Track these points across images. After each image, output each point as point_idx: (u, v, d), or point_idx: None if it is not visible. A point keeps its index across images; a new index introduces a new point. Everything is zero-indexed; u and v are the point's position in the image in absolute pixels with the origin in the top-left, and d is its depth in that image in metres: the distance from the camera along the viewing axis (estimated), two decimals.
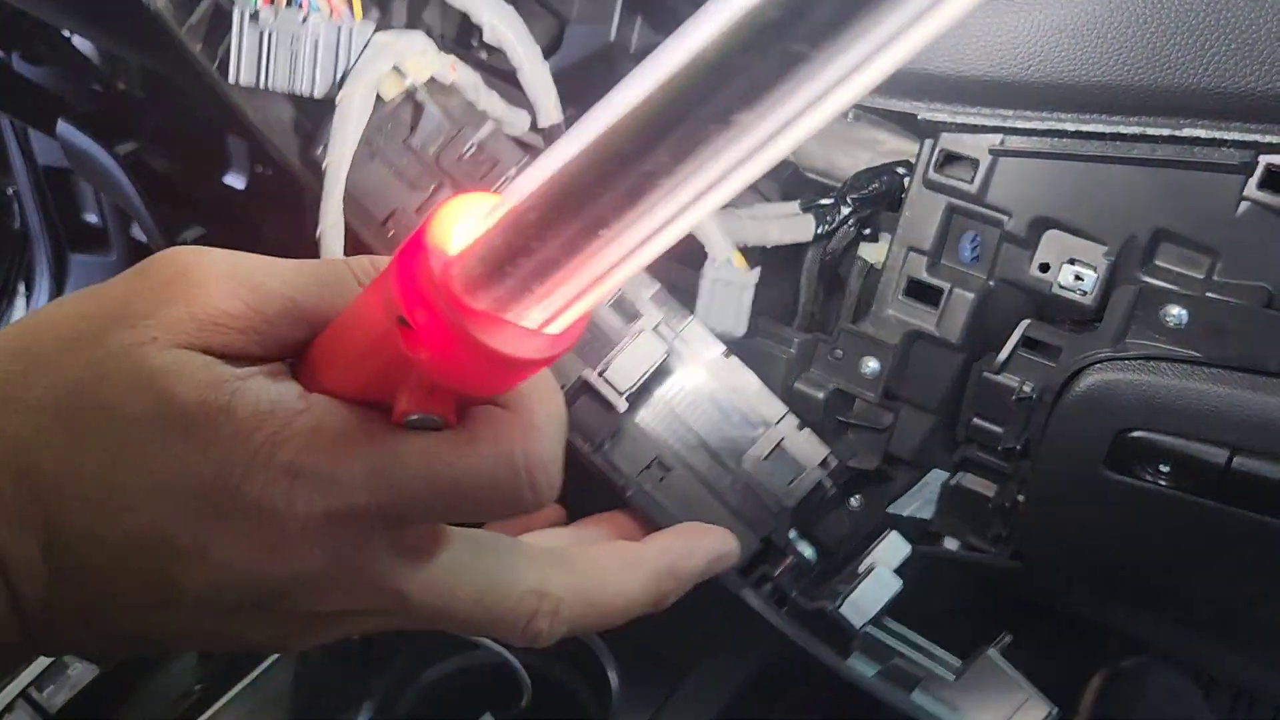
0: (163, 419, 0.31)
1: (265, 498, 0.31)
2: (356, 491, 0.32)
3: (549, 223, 0.28)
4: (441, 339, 0.30)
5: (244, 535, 0.32)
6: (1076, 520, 0.76)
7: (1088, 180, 0.63)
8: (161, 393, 0.31)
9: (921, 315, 0.69)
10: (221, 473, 0.31)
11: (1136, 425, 0.68)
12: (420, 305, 0.30)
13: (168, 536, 0.32)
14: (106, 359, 0.32)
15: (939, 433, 0.76)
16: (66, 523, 0.32)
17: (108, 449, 0.32)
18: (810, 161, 0.83)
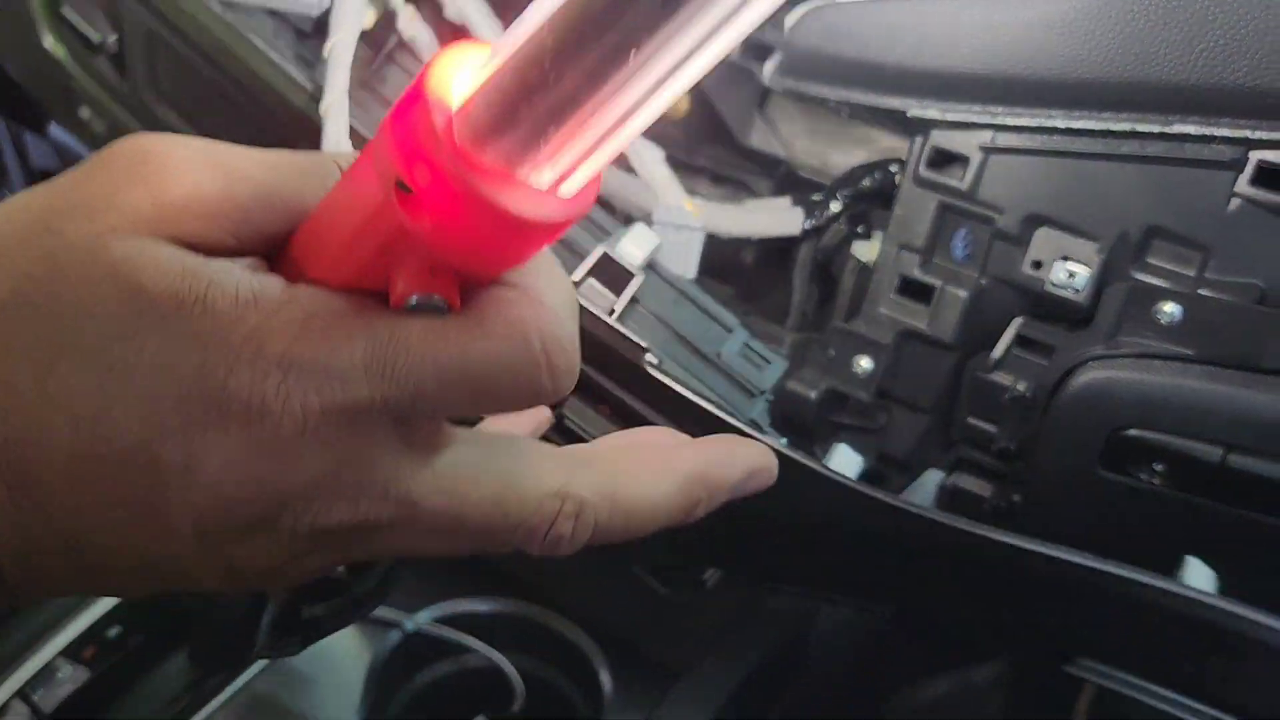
0: (132, 315, 0.27)
1: (256, 396, 0.27)
2: (357, 383, 0.28)
3: (570, 46, 0.24)
4: (447, 201, 0.26)
5: (236, 442, 0.28)
6: (1073, 520, 0.76)
7: (1079, 177, 0.63)
8: (127, 285, 0.27)
9: (914, 313, 0.69)
10: (203, 373, 0.27)
11: (1131, 424, 0.67)
12: (422, 162, 0.26)
13: (151, 450, 0.28)
14: (60, 250, 0.28)
15: (933, 432, 0.76)
16: (30, 444, 0.28)
17: (69, 353, 0.28)
18: (804, 160, 0.83)
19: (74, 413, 0.28)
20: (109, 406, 0.28)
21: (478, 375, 0.29)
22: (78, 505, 0.29)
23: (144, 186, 0.28)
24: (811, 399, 0.72)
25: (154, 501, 0.28)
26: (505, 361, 0.29)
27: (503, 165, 0.26)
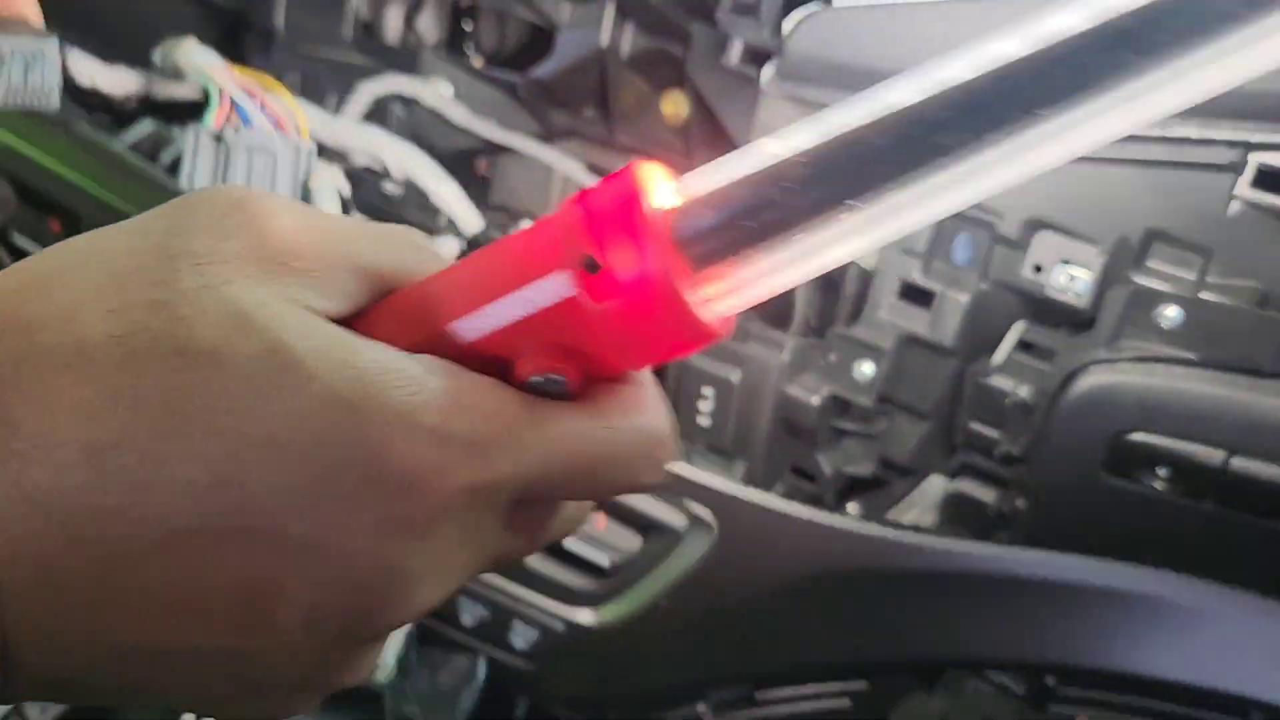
0: (273, 373, 0.24)
1: (410, 469, 0.25)
2: (503, 461, 0.26)
3: (809, 179, 0.25)
4: (643, 290, 0.26)
5: (377, 517, 0.25)
6: (1077, 525, 0.76)
7: (1079, 181, 0.63)
8: (266, 341, 0.25)
9: (915, 318, 0.69)
10: (356, 441, 0.25)
11: (1133, 427, 0.67)
12: (630, 247, 0.26)
13: (279, 523, 0.25)
14: (179, 300, 0.25)
15: (936, 437, 0.76)
16: (122, 515, 0.24)
17: (199, 411, 0.24)
18: None
19: (191, 478, 0.24)
20: (238, 473, 0.24)
21: (597, 461, 0.28)
22: (159, 589, 0.25)
23: (247, 238, 0.26)
24: (813, 404, 0.72)
25: (262, 586, 0.25)
26: (623, 452, 0.29)
27: (692, 272, 0.26)
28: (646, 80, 0.87)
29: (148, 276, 0.25)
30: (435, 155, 0.96)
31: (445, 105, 0.90)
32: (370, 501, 0.25)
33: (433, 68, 0.93)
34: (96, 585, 0.24)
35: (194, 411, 0.24)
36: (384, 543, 0.25)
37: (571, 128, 0.91)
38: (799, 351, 0.72)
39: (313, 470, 0.25)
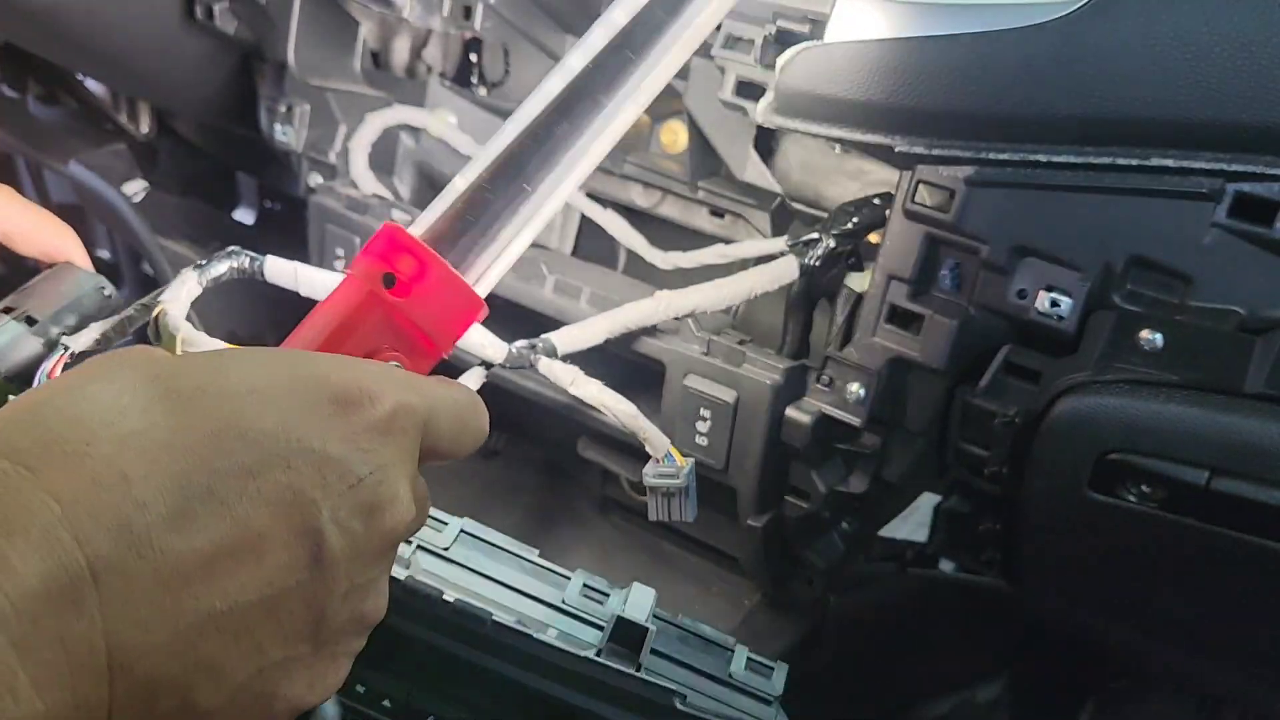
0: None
1: (365, 387, 0.36)
2: (412, 394, 0.38)
3: (489, 189, 0.43)
4: (425, 276, 0.41)
5: (354, 425, 0.35)
6: (1065, 541, 0.77)
7: (1062, 209, 0.65)
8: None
9: (904, 341, 0.71)
10: (327, 383, 0.36)
11: (1117, 447, 0.69)
12: (407, 256, 0.41)
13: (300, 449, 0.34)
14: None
15: (927, 456, 0.77)
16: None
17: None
18: (798, 192, 0.85)
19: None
20: (258, 419, 0.34)
21: (461, 407, 0.40)
22: (225, 540, 0.32)
23: None
24: (806, 424, 0.74)
25: (303, 505, 0.33)
26: (470, 406, 0.41)
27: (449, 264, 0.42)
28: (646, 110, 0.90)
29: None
30: (441, 183, 0.98)
31: (451, 134, 0.93)
32: (344, 414, 0.35)
33: (439, 98, 0.96)
34: (175, 557, 0.31)
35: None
36: (364, 441, 0.35)
37: None
38: (792, 374, 0.74)
39: (309, 410, 0.34)
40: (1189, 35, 0.61)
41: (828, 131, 0.68)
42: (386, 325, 0.40)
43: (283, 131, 0.94)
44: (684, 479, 0.63)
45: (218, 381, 0.34)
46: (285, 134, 0.94)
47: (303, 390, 0.34)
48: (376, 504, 0.35)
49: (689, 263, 0.83)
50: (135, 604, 0.30)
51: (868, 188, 0.86)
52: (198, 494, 0.31)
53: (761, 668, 0.57)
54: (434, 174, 0.98)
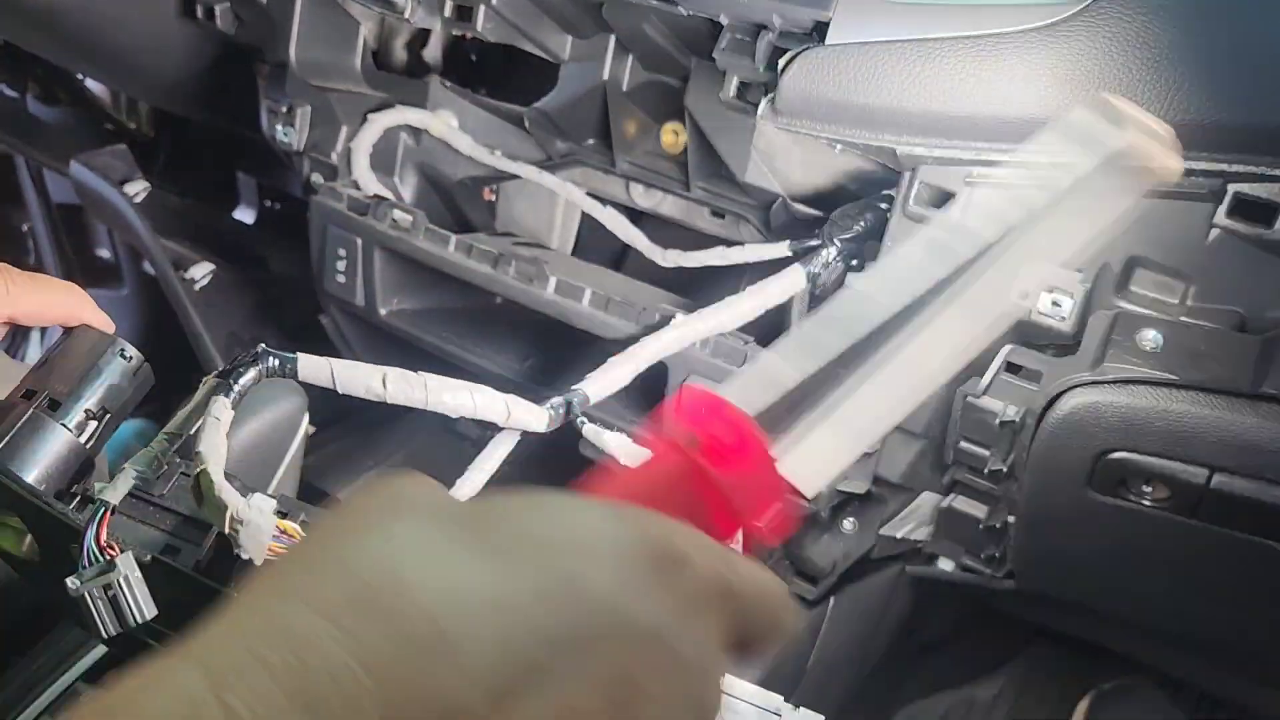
0: None
1: (681, 553, 0.31)
2: (728, 567, 0.32)
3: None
4: (742, 451, 0.36)
5: (673, 598, 0.30)
6: (1064, 540, 0.78)
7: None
8: None
9: None
10: (645, 542, 0.31)
11: (1117, 447, 0.69)
12: (728, 427, 0.37)
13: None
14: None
15: (928, 455, 0.78)
16: None
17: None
18: (799, 193, 0.86)
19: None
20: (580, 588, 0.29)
21: (770, 586, 0.33)
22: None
23: None
24: None
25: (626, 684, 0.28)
26: (780, 592, 0.33)
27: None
28: (646, 111, 0.90)
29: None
30: (442, 183, 0.98)
31: (452, 135, 0.93)
32: (666, 579, 0.29)
33: (440, 99, 0.96)
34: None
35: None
36: (687, 613, 0.29)
37: (574, 156, 0.94)
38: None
39: (634, 572, 0.29)
40: (1186, 38, 0.61)
41: (830, 134, 0.68)
42: (694, 496, 0.36)
43: (284, 132, 0.94)
44: None
45: (536, 530, 0.29)
46: (287, 134, 0.94)
47: (627, 548, 0.29)
48: (701, 694, 0.29)
49: (691, 262, 0.83)
50: None
51: (867, 188, 0.87)
52: (524, 667, 0.26)
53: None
54: (435, 174, 0.98)
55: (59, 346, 0.59)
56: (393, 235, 0.86)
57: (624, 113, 0.89)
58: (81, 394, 0.57)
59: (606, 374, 0.67)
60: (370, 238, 0.88)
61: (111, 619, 0.49)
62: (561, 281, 0.81)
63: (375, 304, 0.90)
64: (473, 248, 0.84)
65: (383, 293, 0.89)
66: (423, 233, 0.85)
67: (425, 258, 0.86)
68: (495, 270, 0.83)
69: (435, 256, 0.85)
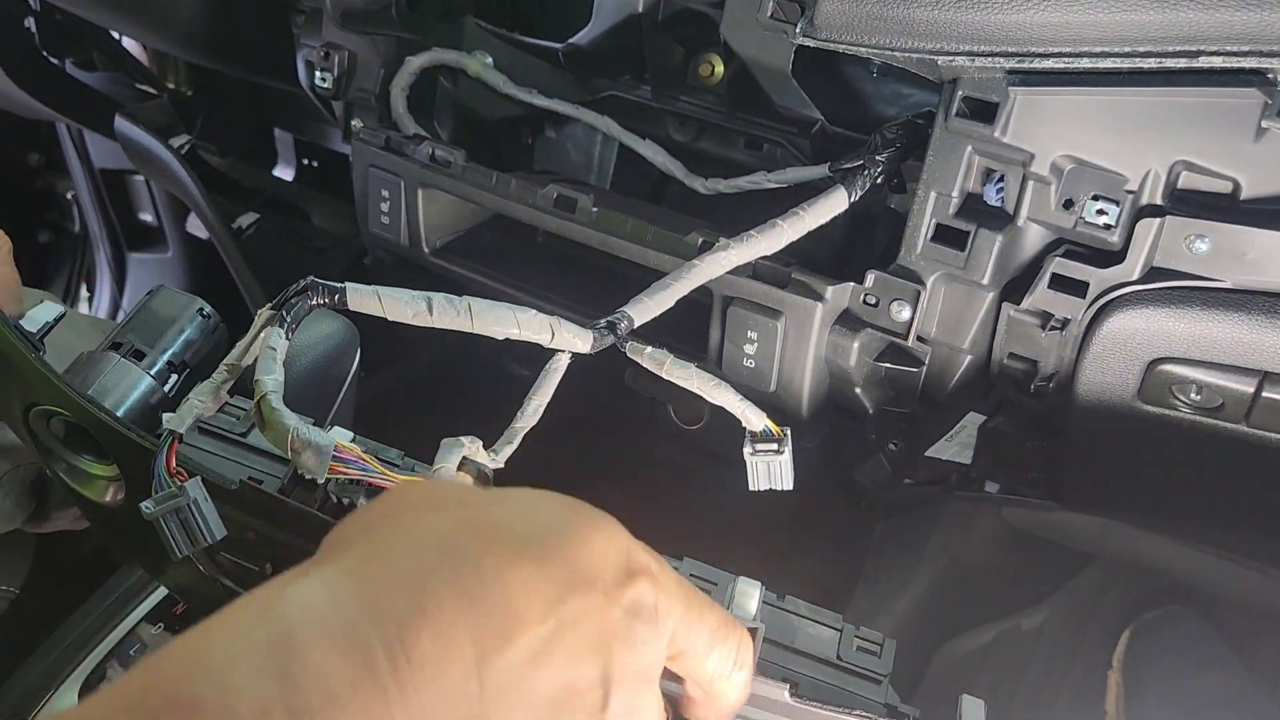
0: None
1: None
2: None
3: None
4: None
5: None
6: (1112, 454, 0.78)
7: (1107, 116, 0.65)
8: None
9: (949, 258, 0.71)
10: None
11: (1167, 356, 0.69)
12: None
13: None
14: None
15: (972, 374, 0.78)
16: None
17: None
18: (838, 117, 0.85)
19: None
20: None
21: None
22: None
23: None
24: (853, 344, 0.75)
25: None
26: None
27: None
28: (682, 42, 0.90)
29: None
30: (480, 125, 0.99)
31: (488, 74, 0.94)
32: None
33: (475, 39, 0.96)
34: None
35: None
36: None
37: (610, 92, 0.94)
38: (837, 295, 0.75)
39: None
40: None
41: (869, 47, 0.68)
42: None
43: (321, 78, 0.95)
44: (785, 449, 0.64)
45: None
46: (324, 80, 0.95)
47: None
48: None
49: (730, 188, 0.84)
50: None
51: (906, 111, 0.86)
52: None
53: (870, 645, 0.57)
54: (473, 116, 0.98)
55: (142, 305, 0.62)
56: (433, 173, 0.87)
57: (659, 45, 0.89)
58: (164, 347, 0.61)
59: (651, 297, 0.68)
60: (411, 177, 0.88)
61: (184, 540, 0.51)
62: (601, 213, 0.82)
63: (419, 243, 0.91)
64: (513, 182, 0.84)
65: (426, 232, 0.90)
66: (463, 169, 0.86)
67: (466, 194, 0.86)
68: (535, 205, 0.84)
69: (476, 193, 0.86)
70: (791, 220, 0.73)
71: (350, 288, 0.57)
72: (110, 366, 0.61)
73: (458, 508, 0.38)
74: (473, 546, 0.35)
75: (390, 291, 0.57)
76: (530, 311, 0.59)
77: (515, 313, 0.59)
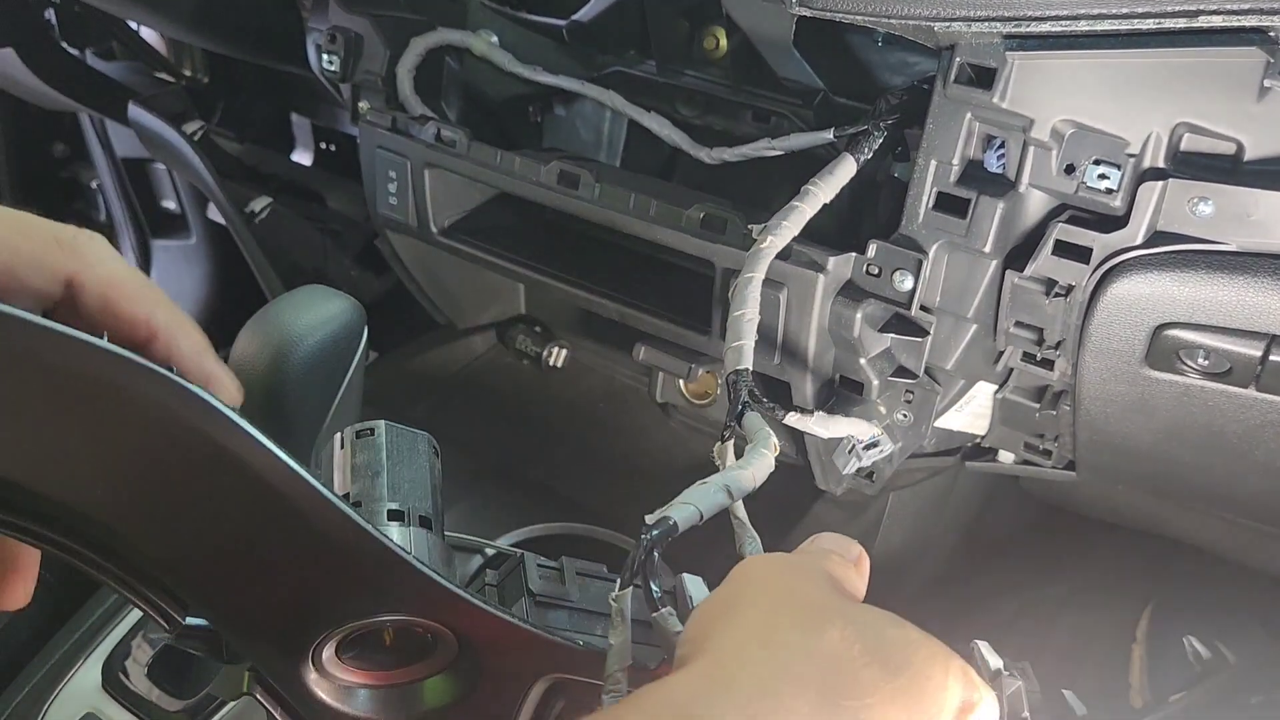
0: None
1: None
2: None
3: None
4: None
5: None
6: (1122, 421, 0.77)
7: (1107, 79, 0.64)
8: None
9: (951, 226, 0.71)
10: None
11: (1173, 320, 0.68)
12: None
13: None
14: None
15: (979, 342, 0.77)
16: None
17: None
18: (842, 88, 0.85)
19: None
20: None
21: None
22: None
23: None
24: (856, 315, 0.75)
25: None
26: None
27: None
28: (685, 16, 0.90)
29: None
30: (488, 104, 0.99)
31: (493, 53, 0.94)
32: None
33: (479, 18, 0.97)
34: None
35: None
36: None
37: (615, 68, 0.94)
38: (840, 265, 0.75)
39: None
40: None
41: (866, 14, 0.67)
42: None
43: (329, 61, 0.96)
44: (891, 445, 0.66)
45: None
46: (331, 63, 0.96)
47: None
48: None
49: (735, 156, 0.83)
50: None
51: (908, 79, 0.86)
52: None
53: None
54: (480, 95, 0.99)
55: (379, 455, 0.55)
56: (439, 153, 0.88)
57: (663, 19, 0.89)
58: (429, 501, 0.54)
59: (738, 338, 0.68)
60: (418, 158, 0.89)
61: None
62: (603, 189, 0.82)
63: (428, 223, 0.92)
64: (517, 160, 0.85)
65: (434, 212, 0.91)
66: (468, 148, 0.87)
67: (472, 173, 0.87)
68: (539, 182, 0.84)
69: (481, 171, 0.86)
70: (807, 198, 0.72)
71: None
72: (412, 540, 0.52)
73: (811, 615, 0.40)
74: (835, 672, 0.37)
75: None
76: None
77: None
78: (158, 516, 0.42)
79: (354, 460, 0.55)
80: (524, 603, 0.55)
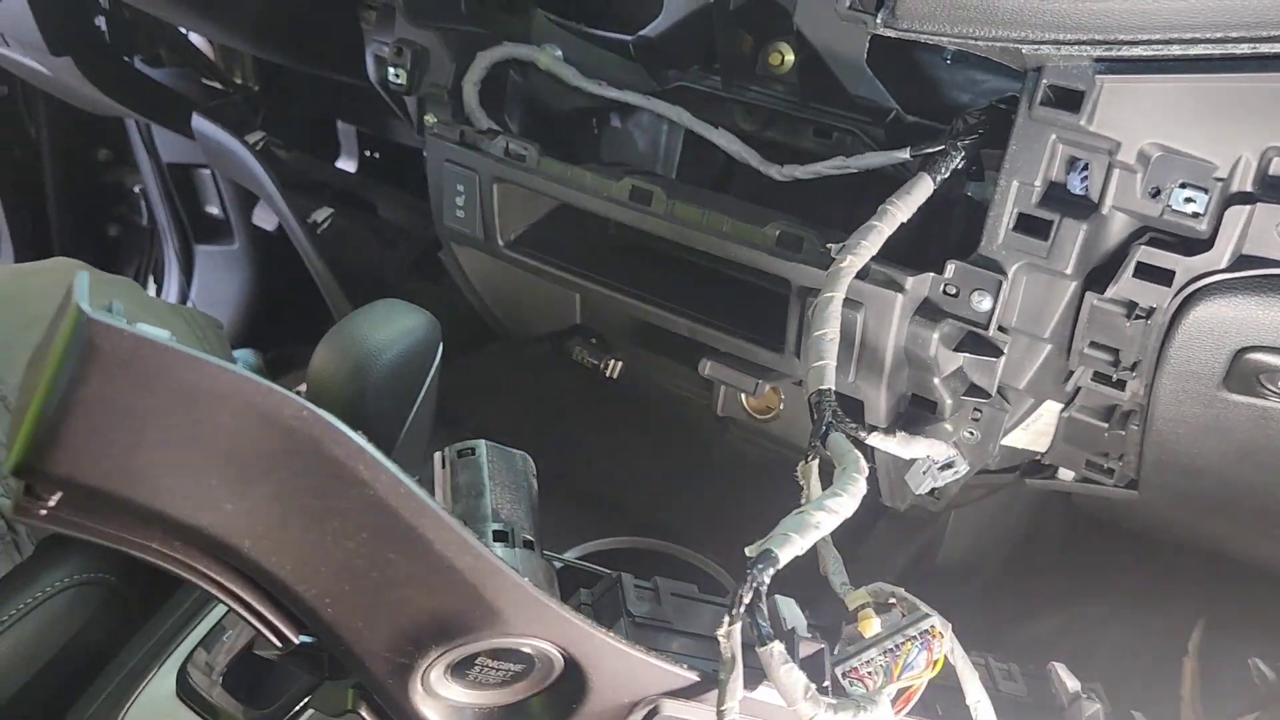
0: None
1: None
2: None
3: None
4: None
5: None
6: (1194, 443, 0.77)
7: (1196, 103, 0.64)
8: None
9: (1032, 248, 0.71)
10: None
11: (1256, 344, 0.68)
12: None
13: None
14: None
15: (1052, 362, 0.77)
16: None
17: None
18: (911, 104, 0.85)
19: None
20: None
21: None
22: None
23: None
24: (932, 335, 0.75)
25: None
26: None
27: None
28: (753, 32, 0.90)
29: None
30: (551, 117, 1.00)
31: (558, 67, 0.94)
32: None
33: (544, 32, 0.97)
34: None
35: None
36: None
37: (680, 82, 0.94)
38: (917, 285, 0.75)
39: None
40: None
41: (952, 35, 0.67)
42: None
43: (395, 74, 0.96)
44: (964, 464, 0.71)
45: None
46: (398, 76, 0.96)
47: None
48: None
49: (806, 174, 0.84)
50: None
51: (979, 98, 0.86)
52: None
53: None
54: (543, 109, 0.99)
55: (481, 474, 0.55)
56: (509, 167, 0.88)
57: (730, 35, 0.89)
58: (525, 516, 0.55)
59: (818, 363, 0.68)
60: (487, 171, 0.89)
61: None
62: (678, 205, 0.82)
63: (495, 236, 0.92)
64: (588, 176, 0.85)
65: (501, 225, 0.91)
66: (538, 163, 0.87)
67: (541, 187, 0.87)
68: (610, 198, 0.84)
69: (551, 186, 0.87)
70: (885, 217, 0.72)
71: None
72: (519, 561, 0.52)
73: None
74: None
75: None
76: None
77: None
78: (288, 539, 0.43)
79: (455, 480, 0.56)
80: (623, 624, 0.55)
